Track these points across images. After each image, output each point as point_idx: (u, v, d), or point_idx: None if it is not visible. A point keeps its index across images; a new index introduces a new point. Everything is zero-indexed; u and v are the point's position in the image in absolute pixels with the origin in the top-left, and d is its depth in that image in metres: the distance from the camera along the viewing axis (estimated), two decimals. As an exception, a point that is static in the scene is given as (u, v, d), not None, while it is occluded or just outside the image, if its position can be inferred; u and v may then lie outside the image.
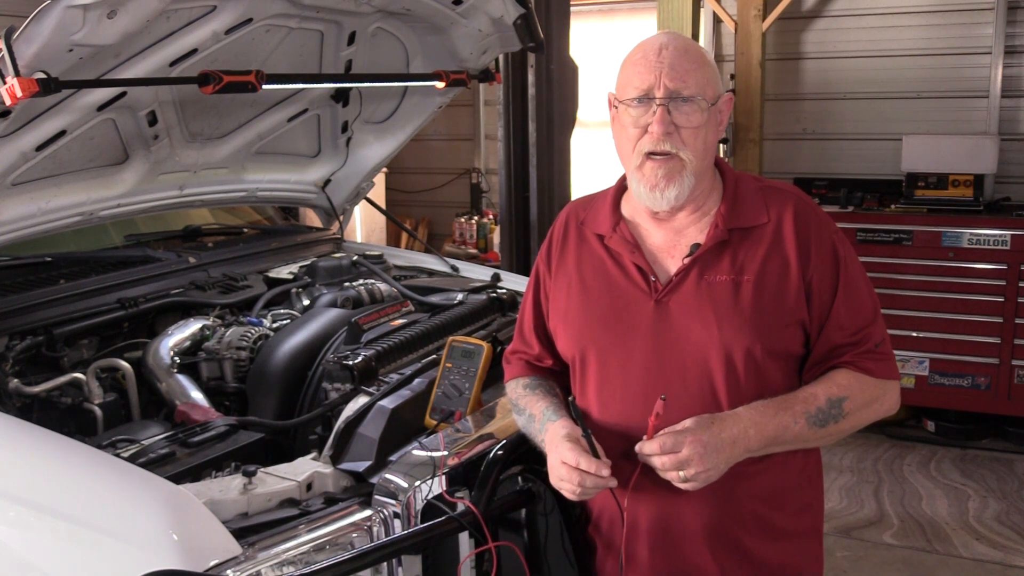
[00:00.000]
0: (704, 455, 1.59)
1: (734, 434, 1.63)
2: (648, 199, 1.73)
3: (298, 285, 3.09)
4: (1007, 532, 4.23)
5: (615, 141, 1.80)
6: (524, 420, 1.89)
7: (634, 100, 1.70)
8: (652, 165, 1.71)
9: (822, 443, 1.77)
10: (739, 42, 5.93)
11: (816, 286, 1.72)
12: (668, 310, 1.73)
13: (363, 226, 6.58)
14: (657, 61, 1.69)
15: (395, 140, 3.61)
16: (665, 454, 1.59)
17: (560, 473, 1.68)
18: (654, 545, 1.76)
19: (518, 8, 3.00)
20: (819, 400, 1.70)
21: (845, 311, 1.73)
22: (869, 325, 1.75)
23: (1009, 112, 5.60)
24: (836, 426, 1.71)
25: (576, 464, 1.64)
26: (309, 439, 2.21)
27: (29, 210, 2.56)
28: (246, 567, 1.60)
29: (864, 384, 1.73)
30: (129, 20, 2.13)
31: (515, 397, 1.95)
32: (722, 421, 1.64)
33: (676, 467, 1.59)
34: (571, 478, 1.65)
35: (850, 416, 1.72)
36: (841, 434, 1.74)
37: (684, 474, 1.59)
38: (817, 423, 1.69)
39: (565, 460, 1.66)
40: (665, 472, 1.61)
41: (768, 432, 1.66)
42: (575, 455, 1.65)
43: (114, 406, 2.40)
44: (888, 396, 1.78)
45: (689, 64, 1.69)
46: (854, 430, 1.76)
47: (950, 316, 5.19)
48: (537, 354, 1.96)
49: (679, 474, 1.59)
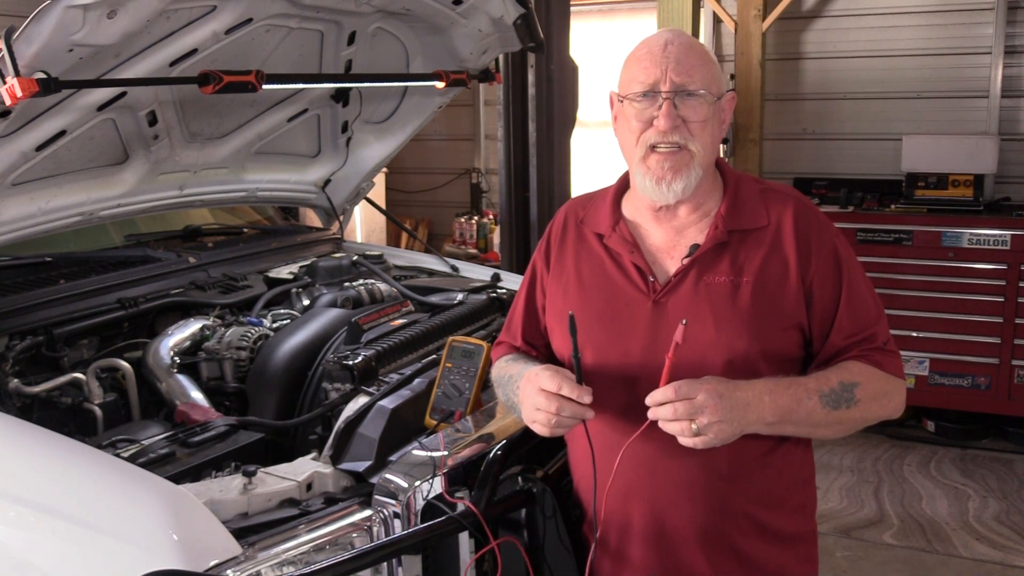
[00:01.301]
0: (719, 405, 1.53)
1: (748, 396, 1.58)
2: (654, 192, 1.72)
3: (298, 285, 3.09)
4: (1007, 532, 4.23)
5: (618, 137, 1.79)
6: (504, 385, 1.86)
7: (639, 95, 1.70)
8: (658, 158, 1.70)
9: (831, 432, 1.73)
10: (739, 42, 5.93)
11: (817, 290, 1.71)
12: (666, 311, 1.73)
13: (363, 226, 6.58)
14: (663, 56, 1.68)
15: (395, 140, 3.61)
16: (679, 400, 1.53)
17: (536, 402, 1.62)
18: (647, 545, 1.76)
19: (518, 8, 3.00)
20: (832, 382, 1.67)
21: (849, 315, 1.72)
22: (874, 326, 1.75)
23: (1009, 112, 5.60)
24: (847, 412, 1.67)
25: (558, 389, 1.59)
26: (309, 439, 2.21)
27: (29, 210, 2.56)
28: (246, 567, 1.60)
29: (875, 376, 1.71)
30: (129, 20, 2.13)
31: (497, 372, 1.92)
32: (737, 382, 1.60)
33: (689, 414, 1.52)
34: (548, 405, 1.60)
35: (861, 404, 1.68)
36: (851, 424, 1.70)
37: (697, 424, 1.52)
38: (830, 404, 1.65)
39: (544, 387, 1.61)
40: (676, 422, 1.54)
41: (782, 402, 1.61)
42: (557, 381, 1.60)
43: (114, 406, 2.40)
44: (896, 394, 1.76)
45: (695, 59, 1.69)
46: (863, 423, 1.72)
47: (950, 316, 5.19)
48: (521, 348, 1.95)
49: (692, 425, 1.53)
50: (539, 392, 1.63)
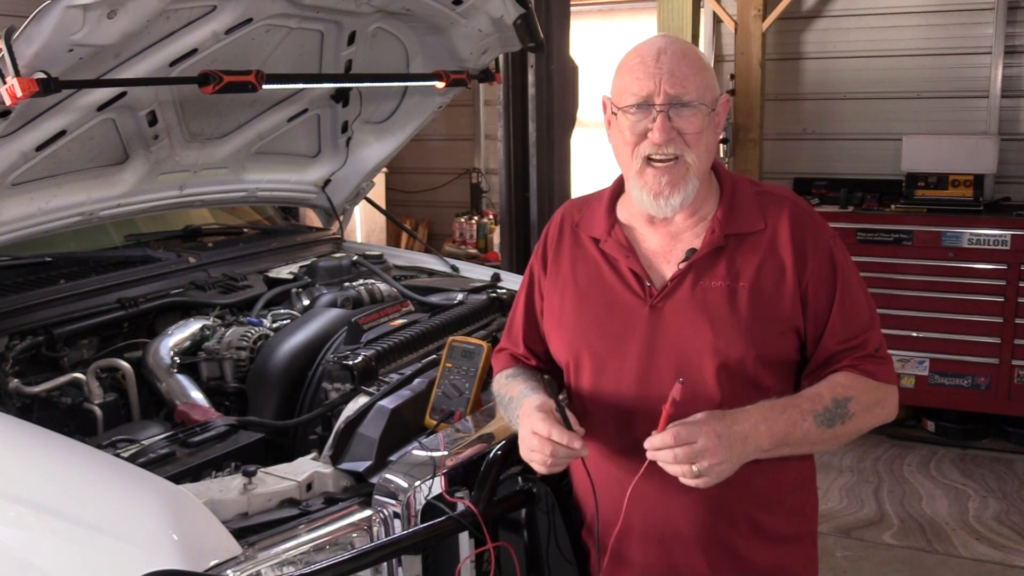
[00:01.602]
0: (719, 446, 1.54)
1: (746, 429, 1.59)
2: (651, 207, 1.71)
3: (298, 285, 3.09)
4: (1007, 532, 4.23)
5: (613, 146, 1.77)
6: (506, 407, 1.86)
7: (632, 107, 1.67)
8: (654, 172, 1.68)
9: (827, 446, 1.74)
10: (739, 42, 5.93)
11: (812, 292, 1.71)
12: (663, 315, 1.72)
13: (363, 226, 6.58)
14: (656, 67, 1.66)
15: (395, 140, 3.61)
16: (679, 445, 1.55)
17: (531, 444, 1.65)
18: (647, 547, 1.76)
19: (518, 8, 3.00)
20: (825, 400, 1.68)
21: (842, 318, 1.72)
22: (867, 331, 1.74)
23: (1009, 112, 5.59)
24: (843, 427, 1.68)
25: (548, 435, 1.61)
26: (309, 439, 2.21)
27: (29, 210, 2.56)
28: (246, 567, 1.60)
29: (867, 386, 1.72)
30: (129, 20, 2.13)
31: (498, 388, 1.93)
32: (734, 415, 1.60)
33: (690, 459, 1.53)
34: (542, 448, 1.62)
35: (856, 418, 1.69)
36: (847, 437, 1.71)
37: (698, 467, 1.53)
38: (825, 422, 1.66)
39: (536, 430, 1.63)
40: (678, 465, 1.54)
41: (778, 429, 1.62)
42: (547, 426, 1.62)
43: (114, 406, 2.40)
44: (889, 401, 1.77)
45: (688, 69, 1.67)
46: (858, 434, 1.74)
47: (950, 316, 5.19)
48: (523, 354, 1.95)
49: (692, 468, 1.54)
50: (532, 435, 1.64)
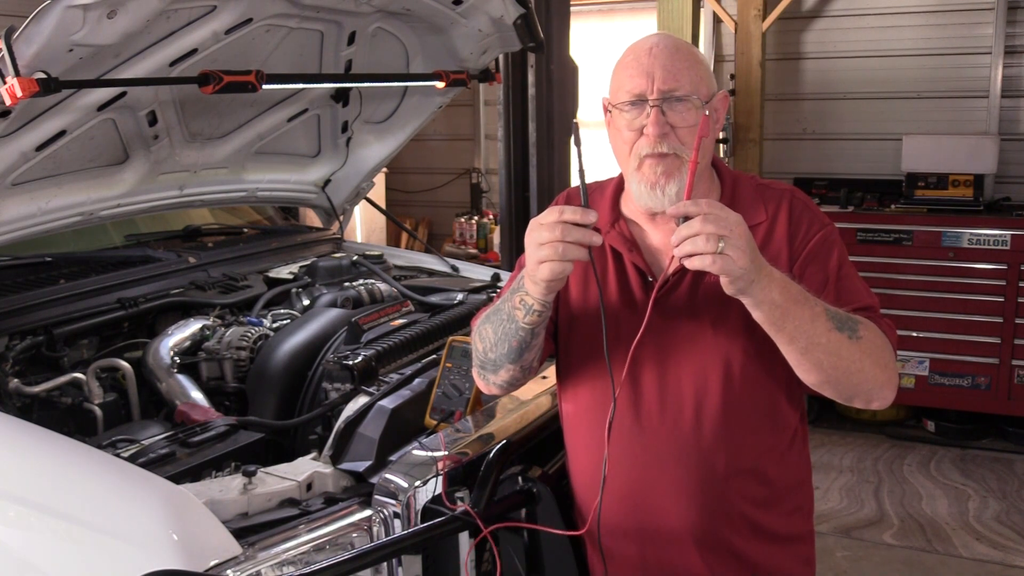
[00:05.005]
0: (745, 234, 1.46)
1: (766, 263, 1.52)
2: (649, 199, 1.69)
3: (298, 285, 3.09)
4: (1007, 532, 4.23)
5: (612, 145, 1.77)
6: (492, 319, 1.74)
7: (627, 103, 1.67)
8: (650, 162, 1.66)
9: (825, 357, 1.58)
10: (739, 42, 5.93)
11: (808, 273, 1.68)
12: (665, 310, 1.72)
13: (363, 226, 6.58)
14: (648, 62, 1.65)
15: (395, 140, 3.61)
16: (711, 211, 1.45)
17: (538, 237, 1.52)
18: (644, 546, 1.76)
19: (518, 8, 2.99)
20: (840, 309, 1.60)
21: (837, 297, 1.66)
22: (867, 311, 1.68)
23: (1009, 112, 5.60)
24: (847, 342, 1.58)
25: (559, 214, 1.50)
26: (309, 439, 2.21)
27: (29, 210, 2.56)
28: (246, 567, 1.60)
29: (878, 332, 1.64)
30: (129, 20, 2.13)
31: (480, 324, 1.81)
32: None
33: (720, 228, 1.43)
34: (552, 232, 1.50)
35: (861, 343, 1.59)
36: (844, 360, 1.58)
37: (724, 243, 1.43)
38: (834, 320, 1.57)
39: (544, 220, 1.52)
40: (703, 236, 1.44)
41: (792, 291, 1.53)
42: (557, 210, 1.51)
43: (114, 406, 2.40)
44: (890, 366, 1.65)
45: (681, 63, 1.66)
46: (855, 372, 1.60)
47: (950, 316, 5.19)
48: None
49: (719, 243, 1.43)
50: (539, 227, 1.53)
